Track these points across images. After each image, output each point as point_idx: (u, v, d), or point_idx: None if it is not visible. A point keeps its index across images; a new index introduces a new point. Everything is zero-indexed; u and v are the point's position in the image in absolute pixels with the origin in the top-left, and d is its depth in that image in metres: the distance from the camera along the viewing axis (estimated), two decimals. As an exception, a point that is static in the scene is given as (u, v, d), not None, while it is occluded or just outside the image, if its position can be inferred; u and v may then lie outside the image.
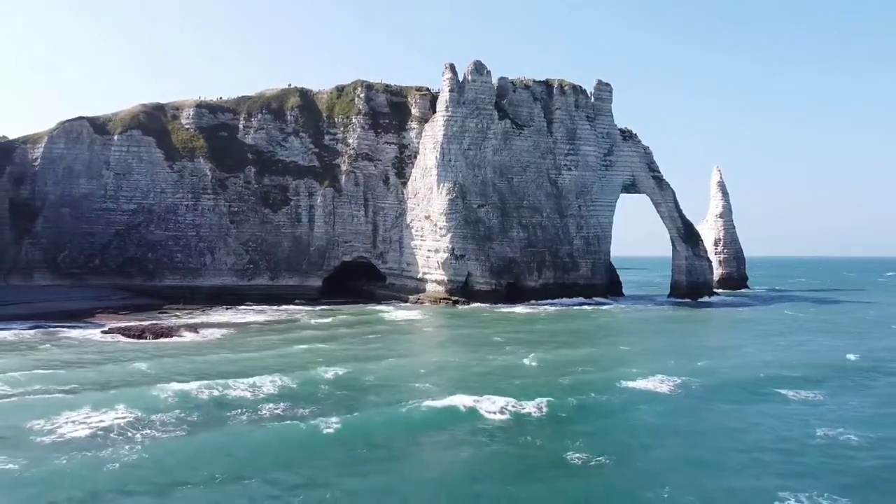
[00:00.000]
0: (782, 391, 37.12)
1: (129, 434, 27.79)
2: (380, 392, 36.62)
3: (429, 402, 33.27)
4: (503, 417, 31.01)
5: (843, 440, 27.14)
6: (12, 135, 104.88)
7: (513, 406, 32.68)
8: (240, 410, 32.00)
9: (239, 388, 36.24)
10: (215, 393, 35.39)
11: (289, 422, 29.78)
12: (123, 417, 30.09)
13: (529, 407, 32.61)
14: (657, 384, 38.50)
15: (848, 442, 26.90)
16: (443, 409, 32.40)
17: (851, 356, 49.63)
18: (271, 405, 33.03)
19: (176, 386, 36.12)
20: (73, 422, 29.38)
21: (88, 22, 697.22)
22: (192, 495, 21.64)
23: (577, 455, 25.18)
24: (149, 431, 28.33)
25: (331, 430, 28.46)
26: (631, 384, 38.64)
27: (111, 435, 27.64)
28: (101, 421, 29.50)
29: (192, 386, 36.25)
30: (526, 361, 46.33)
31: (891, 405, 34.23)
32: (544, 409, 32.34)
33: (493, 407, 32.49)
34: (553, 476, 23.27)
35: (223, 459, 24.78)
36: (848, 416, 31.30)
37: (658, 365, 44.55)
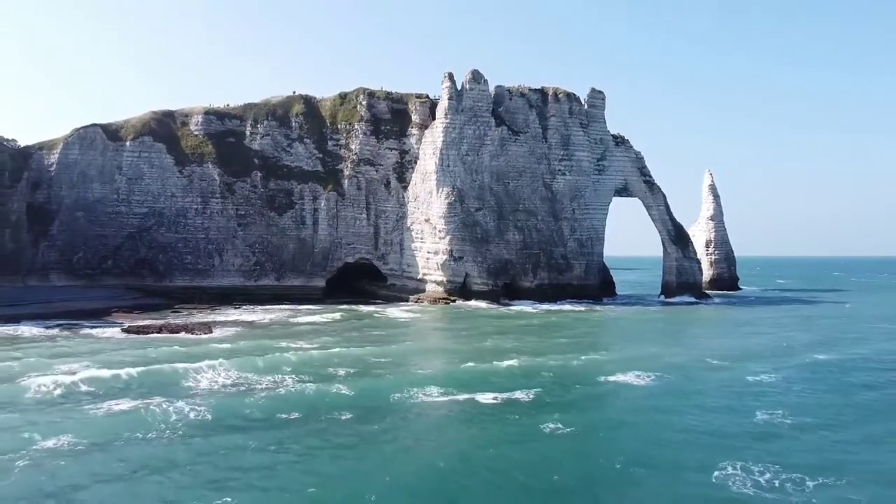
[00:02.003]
0: (742, 381, 41.56)
1: (168, 408, 32.25)
2: (387, 386, 40.71)
3: (431, 392, 37.61)
4: (494, 402, 35.35)
5: (779, 422, 31.45)
6: (21, 137, 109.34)
7: (503, 393, 37.01)
8: (261, 392, 36.31)
9: (258, 377, 40.62)
10: (239, 378, 40.02)
11: (308, 401, 34.12)
12: (161, 399, 34.39)
13: (517, 394, 36.92)
14: (633, 377, 42.68)
15: (783, 423, 31.22)
16: (443, 397, 36.78)
17: (813, 353, 53.98)
18: (291, 388, 37.39)
19: (203, 373, 40.64)
20: (118, 404, 33.68)
21: (94, 26, 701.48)
22: (240, 434, 27.16)
23: (550, 428, 29.72)
24: (186, 404, 32.74)
25: (345, 406, 33.02)
26: (611, 378, 42.75)
27: (155, 409, 32.01)
28: (145, 403, 33.79)
29: (217, 372, 40.86)
30: (517, 356, 50.38)
31: (829, 393, 38.64)
32: (530, 396, 36.65)
33: (485, 393, 36.88)
34: (528, 442, 28.00)
35: (253, 422, 29.35)
36: (791, 402, 35.67)
37: (637, 360, 48.84)
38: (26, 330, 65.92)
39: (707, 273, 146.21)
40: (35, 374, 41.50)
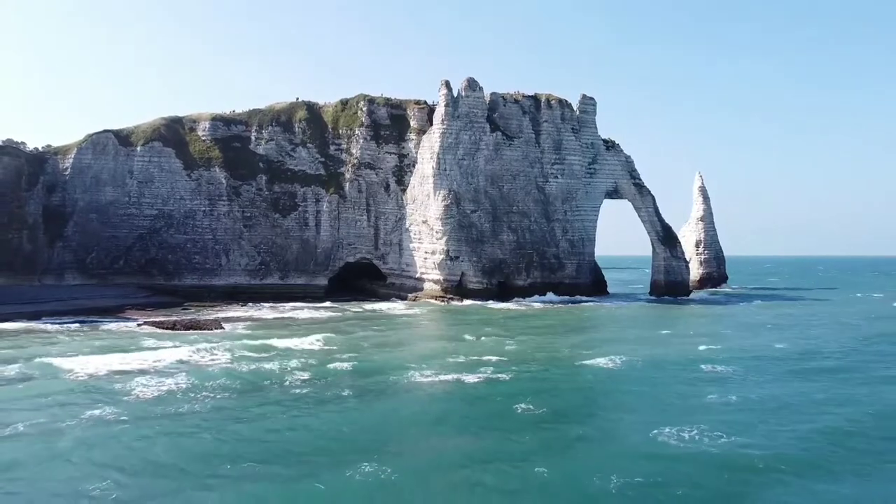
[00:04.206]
0: (703, 367, 46.26)
1: (193, 387, 37.10)
2: (383, 368, 45.55)
3: (424, 374, 42.44)
4: (478, 382, 40.15)
5: (724, 400, 35.89)
6: (28, 139, 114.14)
7: (487, 376, 41.83)
8: (272, 375, 41.11)
9: (269, 363, 45.41)
10: (252, 364, 44.80)
11: (315, 382, 38.91)
12: (185, 381, 39.22)
13: (500, 376, 41.72)
14: (607, 362, 47.40)
15: (728, 401, 35.74)
16: (434, 378, 41.61)
17: (778, 344, 58.75)
18: (299, 372, 42.20)
19: (219, 361, 45.48)
20: (147, 386, 38.40)
21: (100, 32, 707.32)
22: (258, 402, 31.67)
23: (523, 407, 34.13)
24: (207, 384, 37.52)
25: (347, 384, 37.82)
26: (586, 362, 47.62)
27: (181, 388, 36.83)
28: (171, 384, 38.58)
29: (232, 360, 45.69)
30: (505, 346, 55.24)
31: (779, 381, 42.99)
32: (510, 378, 41.41)
33: (472, 376, 41.72)
34: (513, 425, 32.40)
35: (268, 396, 34.23)
36: (742, 386, 40.13)
37: (614, 348, 53.61)
38: (48, 326, 70.32)
39: (697, 272, 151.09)
40: (67, 362, 46.03)
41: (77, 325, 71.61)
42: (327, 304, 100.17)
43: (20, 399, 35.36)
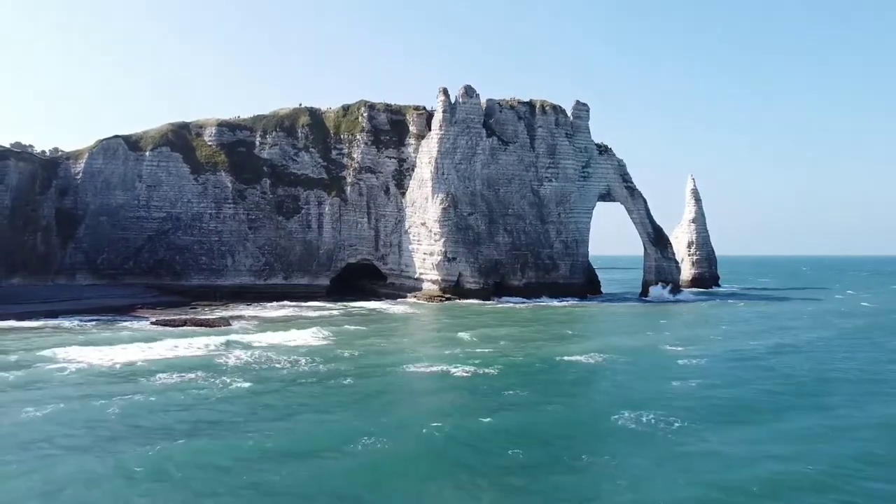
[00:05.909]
0: (674, 360, 50.35)
1: (210, 378, 41.15)
2: (381, 359, 49.73)
3: (417, 365, 46.61)
4: (467, 375, 44.18)
5: (688, 390, 39.74)
6: (35, 141, 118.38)
7: (476, 369, 45.75)
8: (281, 368, 45.22)
9: (277, 358, 49.53)
10: (261, 357, 48.94)
11: (319, 373, 43.03)
12: (202, 374, 43.29)
13: (488, 369, 45.68)
14: (587, 357, 51.27)
15: (692, 391, 39.64)
16: (426, 368, 45.77)
17: (751, 340, 62.72)
18: (305, 365, 46.32)
19: (231, 356, 49.57)
20: (169, 378, 42.43)
21: (103, 38, 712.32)
22: (268, 389, 35.65)
23: (511, 394, 38.26)
24: (223, 375, 41.58)
25: (349, 375, 41.94)
26: (567, 357, 51.50)
27: (199, 379, 40.93)
28: (191, 376, 42.64)
29: (244, 355, 49.75)
30: (498, 342, 59.09)
31: (745, 373, 46.74)
32: (498, 371, 45.41)
33: (461, 368, 45.74)
34: (491, 405, 36.55)
35: (277, 385, 38.40)
36: (708, 376, 44.13)
37: (595, 345, 57.64)
38: (66, 323, 74.15)
39: (689, 272, 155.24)
40: (89, 355, 49.69)
41: (93, 322, 75.30)
42: (330, 303, 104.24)
43: (51, 382, 39.70)
